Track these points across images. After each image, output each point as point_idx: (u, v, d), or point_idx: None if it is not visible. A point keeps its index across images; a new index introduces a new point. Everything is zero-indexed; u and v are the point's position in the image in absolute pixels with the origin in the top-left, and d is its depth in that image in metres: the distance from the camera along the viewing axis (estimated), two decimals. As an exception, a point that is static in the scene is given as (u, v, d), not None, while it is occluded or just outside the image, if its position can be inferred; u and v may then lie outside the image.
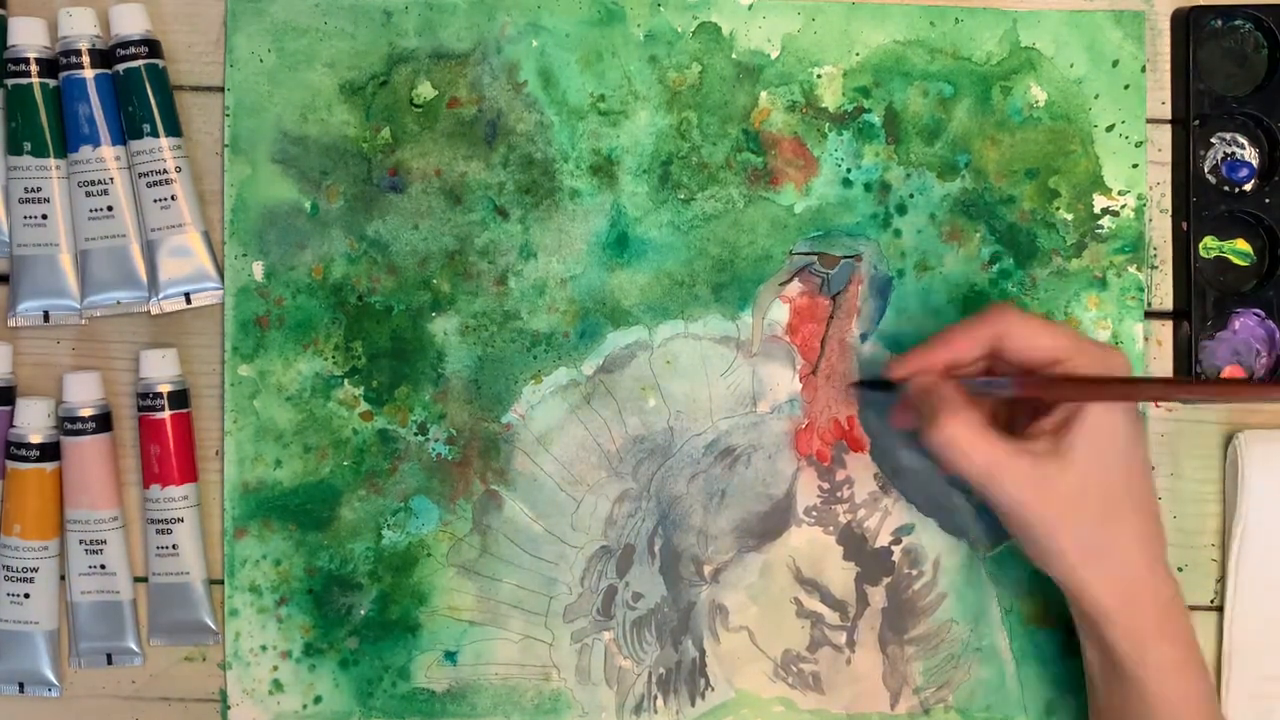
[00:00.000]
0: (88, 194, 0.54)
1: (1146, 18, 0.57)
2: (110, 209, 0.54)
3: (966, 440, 0.47)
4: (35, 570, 0.54)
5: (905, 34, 0.56)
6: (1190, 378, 0.53)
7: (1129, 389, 0.49)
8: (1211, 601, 0.57)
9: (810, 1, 0.56)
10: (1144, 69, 0.57)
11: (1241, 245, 0.57)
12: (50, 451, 0.54)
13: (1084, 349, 0.49)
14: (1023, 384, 0.49)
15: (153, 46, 0.54)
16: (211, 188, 0.56)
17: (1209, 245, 0.57)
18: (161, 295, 0.54)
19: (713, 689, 0.56)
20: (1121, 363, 0.49)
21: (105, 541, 0.54)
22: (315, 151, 0.56)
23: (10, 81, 0.53)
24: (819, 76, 0.56)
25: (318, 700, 0.55)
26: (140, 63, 0.53)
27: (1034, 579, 0.56)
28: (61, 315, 0.54)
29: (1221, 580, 0.57)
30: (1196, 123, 0.56)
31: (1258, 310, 0.56)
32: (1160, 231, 0.57)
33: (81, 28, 0.54)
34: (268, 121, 0.55)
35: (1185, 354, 0.56)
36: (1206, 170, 0.57)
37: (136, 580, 0.55)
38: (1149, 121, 0.57)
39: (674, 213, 0.56)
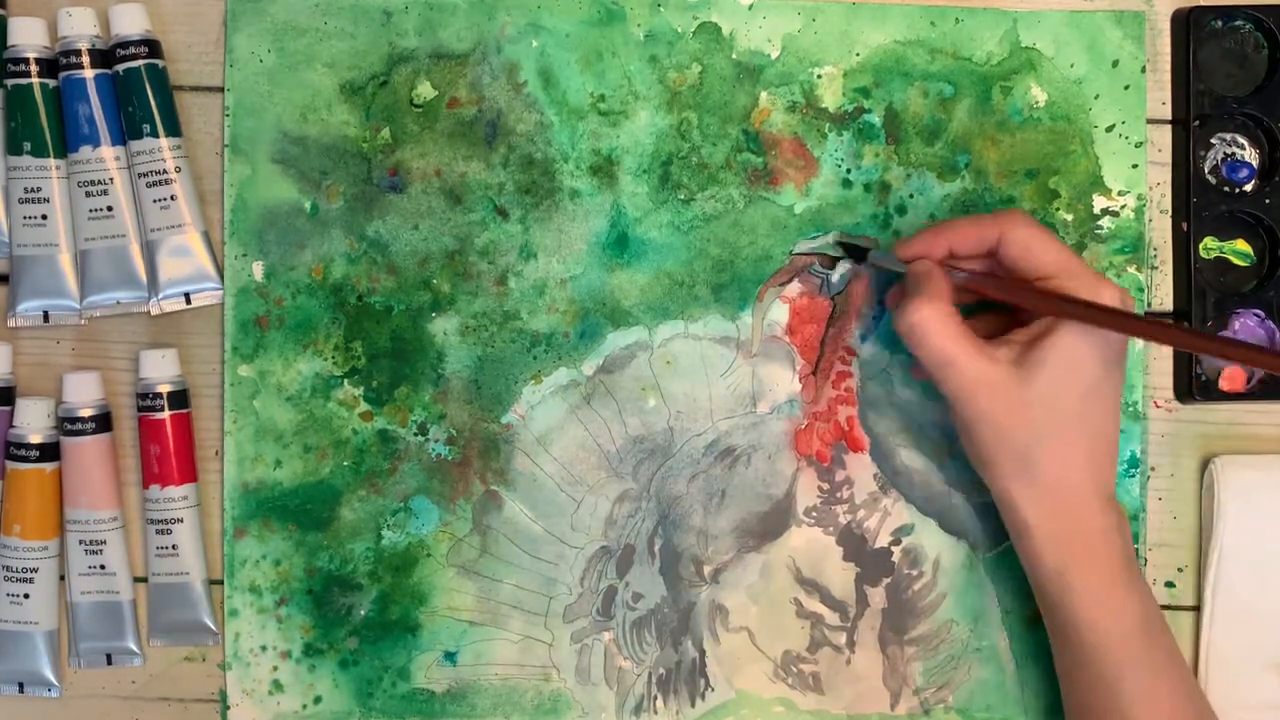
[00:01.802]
0: (87, 194, 0.54)
1: (1147, 18, 0.57)
2: (110, 209, 0.54)
3: (932, 326, 0.47)
4: (35, 570, 0.54)
5: (905, 34, 0.56)
6: (1164, 322, 0.48)
7: (1077, 311, 0.47)
8: (1211, 602, 0.57)
9: (810, 1, 0.56)
10: (1144, 69, 0.57)
11: (1242, 246, 0.57)
12: (50, 452, 0.54)
13: (1078, 273, 0.48)
14: (978, 278, 0.49)
15: (153, 46, 0.54)
16: (211, 188, 0.56)
17: (1209, 246, 0.57)
18: (161, 295, 0.54)
19: (713, 689, 0.56)
20: (1112, 295, 0.48)
21: (105, 542, 0.54)
22: (315, 151, 0.55)
23: (10, 81, 0.53)
24: (819, 77, 0.56)
25: (317, 700, 0.55)
26: (140, 63, 0.53)
27: (1034, 579, 0.56)
28: (61, 315, 0.54)
29: (1198, 608, 0.56)
30: (1196, 123, 0.56)
31: (1258, 311, 0.56)
32: (1160, 232, 0.57)
33: (81, 28, 0.53)
34: (268, 121, 0.55)
35: (1185, 354, 0.56)
36: (1206, 171, 0.57)
37: (136, 580, 0.55)
38: (1149, 122, 0.57)
39: (674, 213, 0.56)
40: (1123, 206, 0.57)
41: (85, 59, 0.53)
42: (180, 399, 0.54)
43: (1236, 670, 0.56)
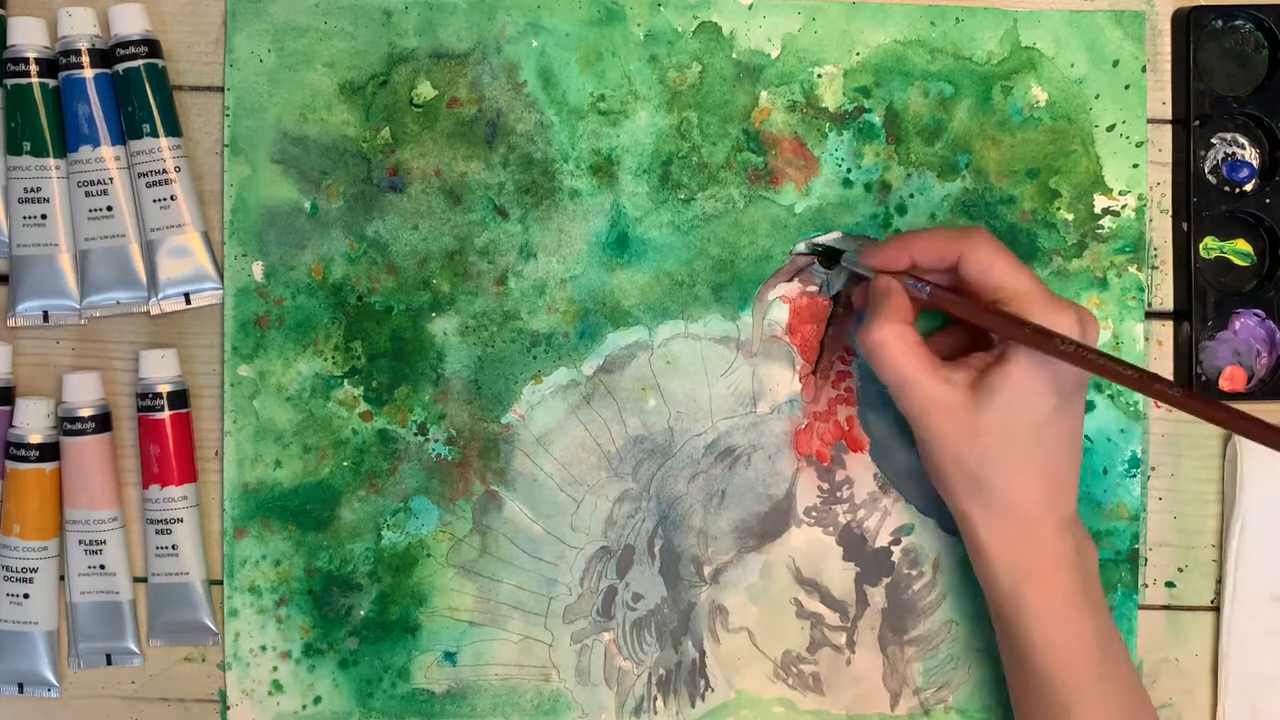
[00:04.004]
0: (87, 194, 0.54)
1: (1147, 18, 0.57)
2: (110, 209, 0.54)
3: (893, 347, 0.48)
4: (35, 570, 0.54)
5: (906, 34, 0.56)
6: (1117, 360, 0.45)
7: (1026, 335, 0.46)
8: (1211, 602, 0.57)
9: (810, 1, 0.56)
10: (1144, 69, 0.57)
11: (1242, 246, 0.57)
12: (50, 452, 0.54)
13: (1035, 297, 0.47)
14: (941, 295, 0.49)
15: (152, 46, 0.54)
16: (211, 188, 0.56)
17: (1209, 245, 0.57)
18: (161, 295, 0.54)
19: (713, 690, 0.56)
20: (1068, 323, 0.47)
21: (105, 542, 0.54)
22: (315, 151, 0.55)
23: (10, 81, 0.53)
24: (819, 76, 0.56)
25: (317, 701, 0.55)
26: (140, 62, 0.53)
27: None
28: (61, 315, 0.54)
29: (1219, 581, 0.57)
30: (1197, 123, 0.56)
31: (1258, 311, 0.56)
32: (1161, 232, 0.57)
33: (81, 27, 0.53)
34: (268, 121, 0.55)
35: (1186, 355, 0.56)
36: (1207, 170, 0.57)
37: (136, 580, 0.55)
38: (1149, 121, 0.57)
39: (674, 213, 0.56)
40: (1123, 206, 0.57)
41: (85, 59, 0.53)
42: (180, 399, 0.54)
43: (1258, 641, 0.56)
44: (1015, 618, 0.49)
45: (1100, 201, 0.57)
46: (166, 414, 0.54)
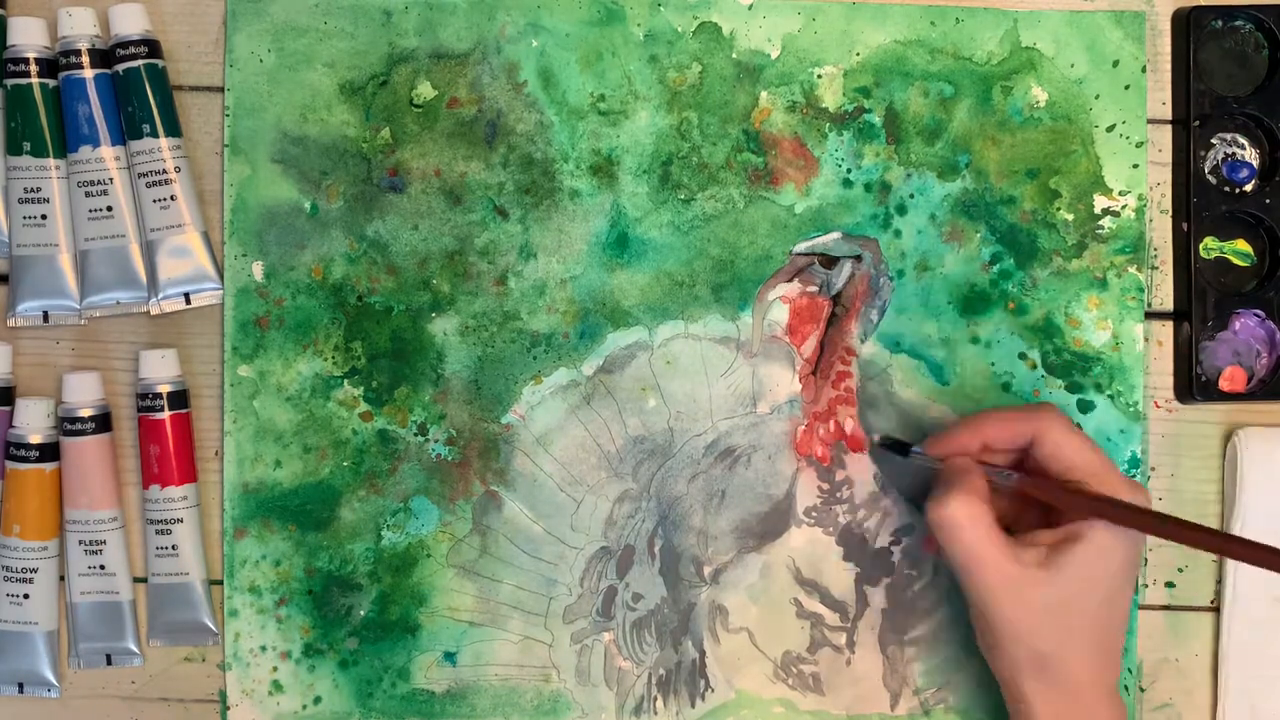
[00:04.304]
0: (87, 194, 0.54)
1: (1147, 18, 0.57)
2: (110, 209, 0.54)
3: (964, 524, 0.48)
4: (35, 571, 0.54)
5: (906, 34, 0.56)
6: (1206, 528, 0.49)
7: (1132, 516, 0.48)
8: (1211, 602, 0.57)
9: (810, 1, 0.56)
10: (1144, 69, 0.57)
11: (1242, 246, 0.57)
12: (50, 452, 0.54)
13: (1110, 478, 0.49)
14: (1027, 481, 0.50)
15: (152, 46, 0.54)
16: (211, 188, 0.56)
17: (1209, 246, 0.57)
18: (161, 295, 0.54)
19: (713, 690, 0.56)
20: (1145, 498, 0.49)
21: (105, 542, 0.54)
22: (315, 151, 0.55)
23: (10, 81, 0.53)
24: (819, 76, 0.56)
25: (317, 701, 0.55)
26: (140, 63, 0.53)
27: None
28: (61, 315, 0.54)
29: (1219, 581, 0.57)
30: (1197, 123, 0.56)
31: (1258, 311, 0.56)
32: (1161, 232, 0.57)
33: (81, 28, 0.53)
34: (267, 121, 0.55)
35: (1186, 355, 0.56)
36: (1207, 171, 0.57)
37: (136, 581, 0.55)
38: (1149, 122, 0.57)
39: (674, 213, 0.56)
40: (1123, 206, 0.57)
41: (85, 59, 0.53)
42: (180, 399, 0.54)
43: (1258, 640, 0.56)
44: None
45: (1100, 202, 0.57)
46: (166, 414, 0.54)
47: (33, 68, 0.53)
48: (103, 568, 0.54)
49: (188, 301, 0.55)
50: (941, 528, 0.49)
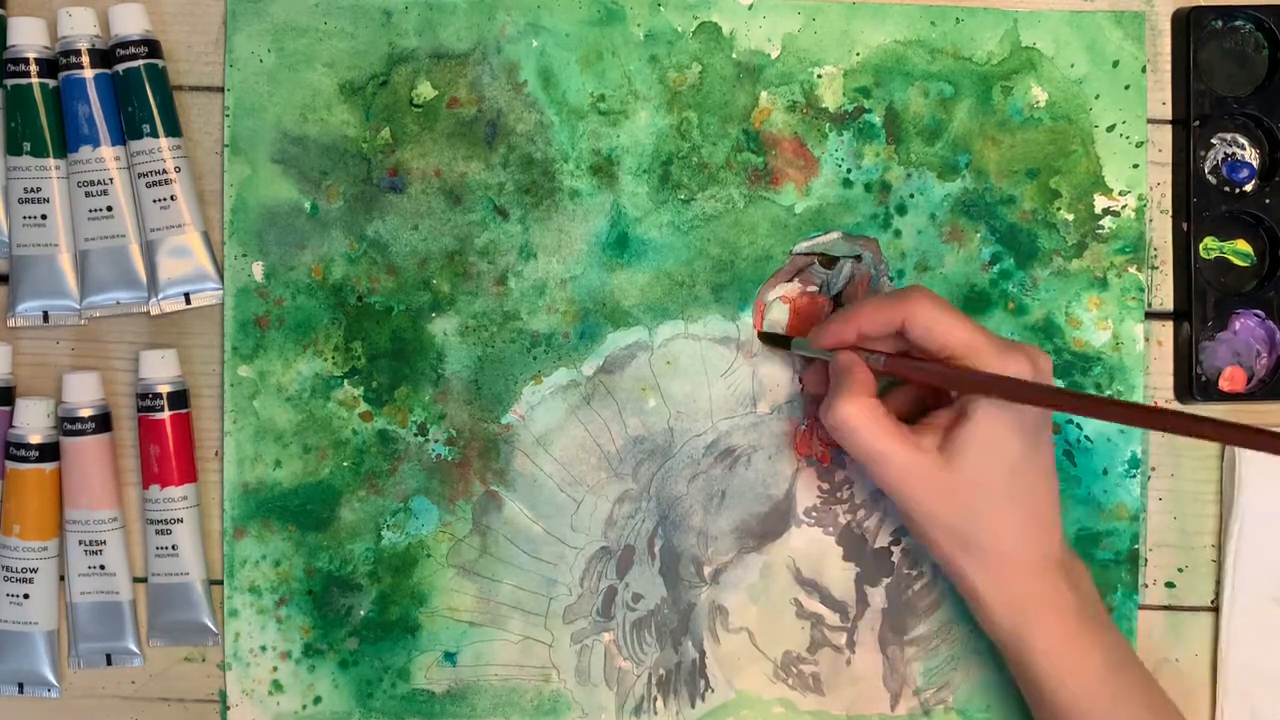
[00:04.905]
0: (87, 194, 0.54)
1: (1147, 18, 0.57)
2: (110, 209, 0.54)
3: (859, 422, 0.48)
4: (35, 571, 0.54)
5: (905, 34, 0.56)
6: (1077, 392, 0.48)
7: (989, 385, 0.47)
8: (1211, 602, 0.57)
9: (810, 1, 0.56)
10: (1144, 69, 0.57)
11: (1242, 246, 0.57)
12: (50, 452, 0.54)
13: (983, 347, 0.48)
14: (894, 362, 0.50)
15: (152, 46, 0.54)
16: (211, 188, 0.56)
17: (1209, 246, 0.57)
18: (161, 295, 0.54)
19: (713, 690, 0.56)
20: (1019, 366, 0.48)
21: (105, 542, 0.54)
22: (315, 151, 0.55)
23: (10, 81, 0.53)
24: (819, 76, 0.56)
25: (317, 701, 0.55)
26: (140, 63, 0.53)
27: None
28: (61, 315, 0.54)
29: (1219, 581, 0.57)
30: (1197, 123, 0.56)
31: (1258, 311, 0.56)
32: (1161, 232, 0.57)
33: (81, 28, 0.53)
34: (267, 121, 0.55)
35: (1185, 355, 0.56)
36: (1207, 171, 0.57)
37: (136, 581, 0.55)
38: (1149, 122, 0.57)
39: (674, 213, 0.56)
40: (1123, 206, 0.57)
41: (85, 59, 0.53)
42: (180, 399, 0.54)
43: (1258, 642, 0.56)
44: (1021, 658, 0.50)
45: (1100, 202, 0.57)
46: (166, 414, 0.54)
47: (33, 68, 0.53)
48: (103, 568, 0.54)
49: (188, 301, 0.55)
50: (837, 430, 0.49)
